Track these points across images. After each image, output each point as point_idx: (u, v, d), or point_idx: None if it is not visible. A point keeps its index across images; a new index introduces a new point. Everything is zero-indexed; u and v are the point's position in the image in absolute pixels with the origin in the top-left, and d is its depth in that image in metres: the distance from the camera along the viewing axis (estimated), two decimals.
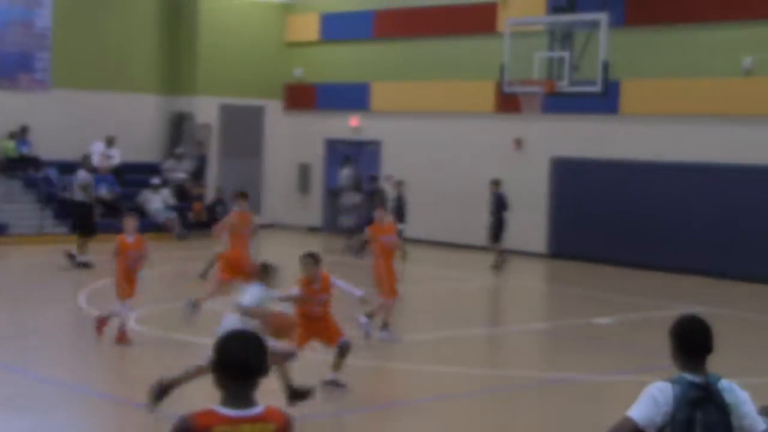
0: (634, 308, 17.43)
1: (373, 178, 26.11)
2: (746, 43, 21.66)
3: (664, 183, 22.58)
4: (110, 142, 26.82)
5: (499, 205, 22.14)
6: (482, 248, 22.20)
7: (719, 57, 22.11)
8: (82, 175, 21.52)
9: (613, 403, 8.98)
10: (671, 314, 4.94)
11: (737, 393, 4.74)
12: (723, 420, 4.62)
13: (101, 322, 13.27)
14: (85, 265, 19.97)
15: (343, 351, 10.54)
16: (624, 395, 5.92)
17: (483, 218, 22.57)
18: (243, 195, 16.43)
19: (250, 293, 9.46)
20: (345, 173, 26.96)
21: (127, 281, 12.98)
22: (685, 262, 21.94)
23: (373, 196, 24.99)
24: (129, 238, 13.13)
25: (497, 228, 22.06)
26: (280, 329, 9.38)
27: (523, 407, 10.64)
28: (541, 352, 14.75)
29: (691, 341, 4.75)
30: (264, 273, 9.61)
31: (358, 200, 26.06)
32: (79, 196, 21.53)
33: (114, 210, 24.55)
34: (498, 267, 21.57)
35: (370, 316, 13.66)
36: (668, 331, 4.86)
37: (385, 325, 13.80)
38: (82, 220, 21.14)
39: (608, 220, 23.18)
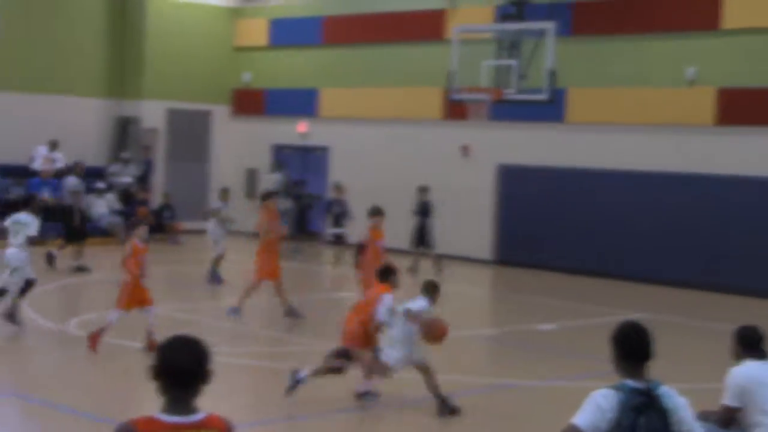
0: (579, 315, 17.59)
1: (299, 183, 26.06)
2: (689, 54, 22.00)
3: (608, 191, 22.83)
4: (54, 145, 26.53)
5: (423, 211, 22.63)
6: (424, 254, 22.37)
7: (663, 67, 22.43)
8: (71, 181, 21.51)
9: (559, 409, 9.09)
10: (614, 320, 5.03)
11: (676, 399, 4.83)
12: (664, 426, 4.70)
13: (95, 338, 12.83)
14: (81, 270, 20.31)
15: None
16: (569, 401, 6.00)
17: (410, 223, 22.74)
18: (270, 195, 16.62)
19: (419, 302, 10.56)
20: (275, 178, 26.96)
21: (138, 287, 12.95)
22: (629, 269, 22.20)
23: (300, 201, 25.09)
24: (141, 244, 13.15)
25: (420, 233, 22.52)
26: (436, 336, 10.40)
27: (470, 413, 10.69)
28: (486, 358, 14.83)
29: (632, 348, 4.84)
30: (433, 289, 10.65)
31: (289, 205, 26.07)
32: (68, 201, 21.73)
33: (55, 213, 24.20)
34: (436, 271, 21.68)
35: None
36: (609, 338, 4.93)
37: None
38: (70, 225, 21.23)
39: (553, 227, 23.39)
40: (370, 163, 26.75)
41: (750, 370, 7.09)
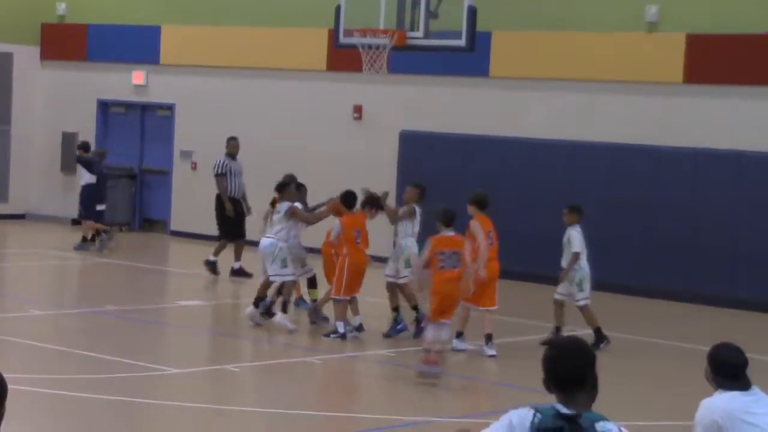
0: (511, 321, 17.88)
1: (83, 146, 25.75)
2: None
3: (542, 165, 23.10)
4: None
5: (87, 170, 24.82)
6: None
7: (616, 5, 22.85)
8: None
9: None
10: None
11: None
12: None
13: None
14: None
15: None
16: None
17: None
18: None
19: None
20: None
21: None
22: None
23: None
24: None
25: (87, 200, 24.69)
26: None
27: None
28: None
29: (555, 370, 5.30)
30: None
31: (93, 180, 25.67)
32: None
33: None
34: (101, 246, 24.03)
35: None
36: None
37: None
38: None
39: None
40: (228, 126, 26.62)
41: (726, 402, 7.35)
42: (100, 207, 25.04)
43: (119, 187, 28.21)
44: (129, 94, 28.88)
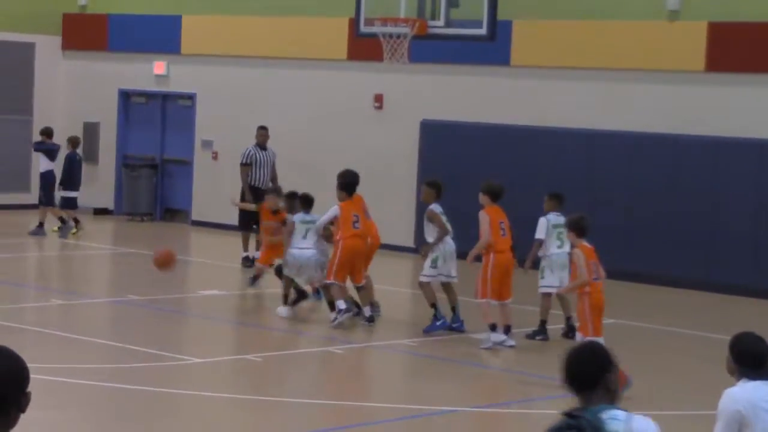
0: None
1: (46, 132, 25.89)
2: None
3: (566, 155, 23.12)
4: None
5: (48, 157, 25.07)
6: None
7: None
8: None
9: None
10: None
11: (620, 424, 5.39)
12: None
13: None
14: None
15: None
16: None
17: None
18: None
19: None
20: None
21: None
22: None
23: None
24: None
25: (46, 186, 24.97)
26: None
27: None
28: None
29: (569, 372, 5.59)
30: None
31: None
32: None
33: None
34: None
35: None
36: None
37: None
38: None
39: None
40: (249, 116, 26.70)
41: (749, 393, 7.38)
42: (70, 194, 25.23)
43: (141, 177, 28.34)
44: (150, 84, 28.96)
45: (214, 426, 12.11)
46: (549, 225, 16.72)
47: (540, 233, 16.68)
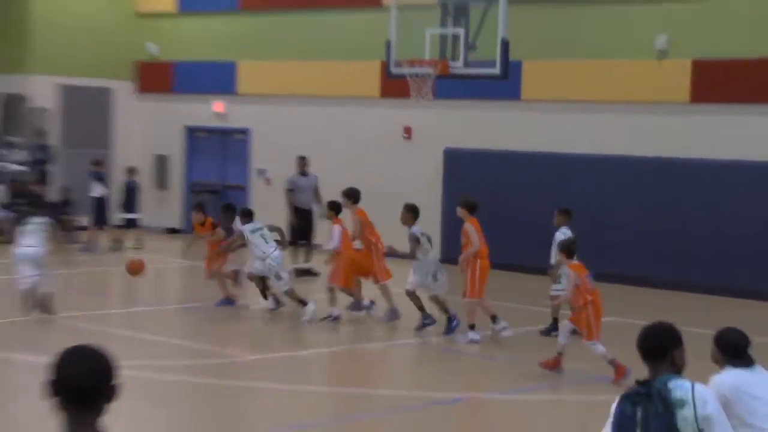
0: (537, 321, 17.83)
1: (97, 163, 26.36)
2: (660, 20, 22.37)
3: (571, 178, 23.15)
4: None
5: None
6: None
7: (630, 36, 22.82)
8: None
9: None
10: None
11: (681, 392, 5.55)
12: (668, 417, 5.48)
13: None
14: None
15: None
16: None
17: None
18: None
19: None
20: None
21: None
22: (599, 267, 22.49)
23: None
24: None
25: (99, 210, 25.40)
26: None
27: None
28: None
29: (640, 343, 5.83)
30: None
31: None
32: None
33: None
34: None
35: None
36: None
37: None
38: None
39: (510, 220, 23.59)
40: (296, 147, 26.81)
41: (732, 378, 7.41)
42: (130, 216, 25.97)
43: (206, 201, 28.40)
44: (211, 121, 29.11)
45: (267, 412, 12.11)
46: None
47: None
